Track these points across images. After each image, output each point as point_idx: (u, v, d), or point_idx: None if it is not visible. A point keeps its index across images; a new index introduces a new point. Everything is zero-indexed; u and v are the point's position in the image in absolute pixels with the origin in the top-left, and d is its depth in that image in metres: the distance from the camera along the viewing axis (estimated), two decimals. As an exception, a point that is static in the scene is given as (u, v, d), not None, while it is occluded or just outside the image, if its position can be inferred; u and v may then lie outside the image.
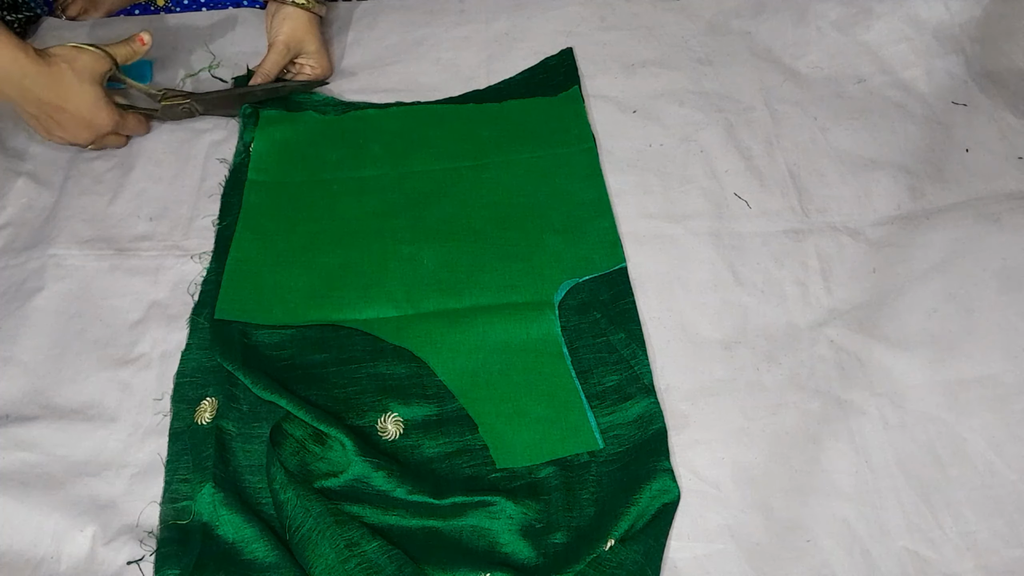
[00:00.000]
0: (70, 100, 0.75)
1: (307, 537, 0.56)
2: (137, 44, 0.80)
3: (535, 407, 0.64)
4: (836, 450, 0.61)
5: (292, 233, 0.76)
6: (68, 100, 0.75)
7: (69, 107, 0.75)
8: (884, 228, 0.73)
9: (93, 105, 0.76)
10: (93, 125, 0.77)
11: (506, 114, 0.84)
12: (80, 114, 0.76)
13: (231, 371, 0.65)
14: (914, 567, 0.56)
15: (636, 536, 0.57)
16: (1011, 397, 0.62)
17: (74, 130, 0.77)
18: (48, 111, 0.75)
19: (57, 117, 0.76)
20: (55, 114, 0.76)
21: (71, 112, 0.76)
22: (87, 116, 0.77)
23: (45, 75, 0.73)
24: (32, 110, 0.75)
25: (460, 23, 0.92)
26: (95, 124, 0.77)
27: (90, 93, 0.76)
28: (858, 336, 0.66)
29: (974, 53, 0.84)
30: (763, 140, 0.80)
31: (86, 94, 0.76)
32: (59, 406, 0.66)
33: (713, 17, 0.91)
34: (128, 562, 0.58)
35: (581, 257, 0.72)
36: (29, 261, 0.75)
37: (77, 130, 0.77)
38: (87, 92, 0.76)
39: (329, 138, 0.82)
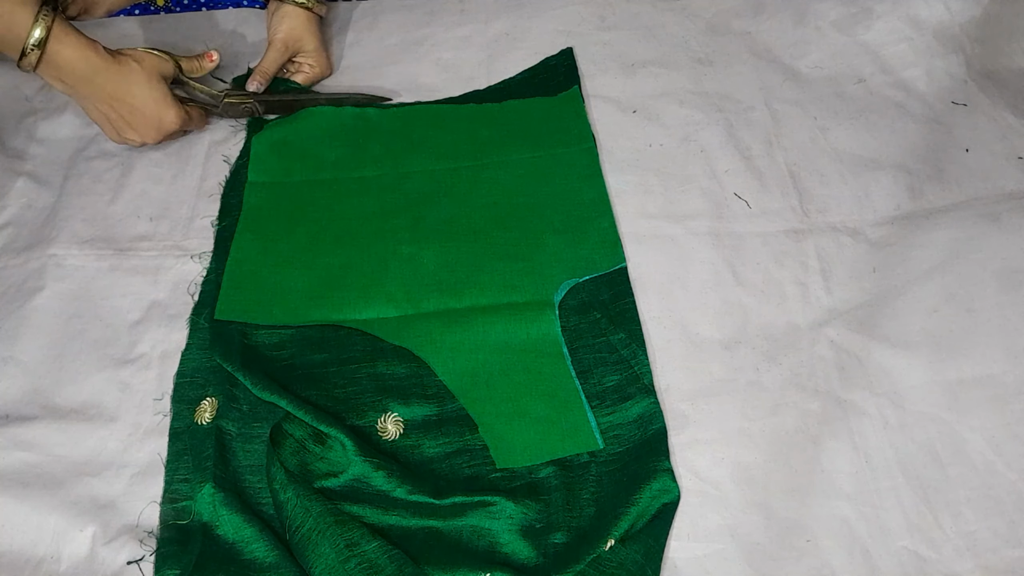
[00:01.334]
0: (138, 97, 0.75)
1: (307, 537, 0.56)
2: (206, 61, 0.82)
3: (535, 407, 0.64)
4: (836, 450, 0.61)
5: (292, 234, 0.76)
6: (136, 97, 0.75)
7: (138, 104, 0.76)
8: (884, 228, 0.73)
9: (161, 103, 0.77)
10: (162, 124, 0.78)
11: (506, 113, 0.84)
12: (149, 112, 0.77)
13: (231, 371, 0.65)
14: (914, 567, 0.56)
15: (636, 536, 0.57)
16: (1011, 397, 0.62)
17: (143, 129, 0.78)
18: (119, 109, 0.76)
19: (127, 116, 0.76)
20: (125, 113, 0.76)
21: (140, 109, 0.76)
22: (156, 114, 0.77)
23: (115, 72, 0.74)
24: (103, 108, 0.76)
25: (460, 23, 0.92)
26: (163, 122, 0.78)
27: (158, 91, 0.76)
28: (858, 336, 0.66)
29: (974, 53, 0.84)
30: (763, 140, 0.80)
31: (154, 91, 0.76)
32: (59, 406, 0.66)
33: (713, 17, 0.91)
34: (128, 562, 0.58)
35: (581, 257, 0.72)
36: (29, 261, 0.75)
37: (146, 129, 0.78)
38: (155, 90, 0.76)
39: (328, 136, 0.82)
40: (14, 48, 0.70)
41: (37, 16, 0.69)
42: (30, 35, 0.69)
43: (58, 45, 0.70)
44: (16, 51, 0.70)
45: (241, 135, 0.83)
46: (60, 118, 0.85)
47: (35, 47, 0.69)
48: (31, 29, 0.68)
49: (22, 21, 0.68)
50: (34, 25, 0.69)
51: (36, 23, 0.69)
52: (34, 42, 0.69)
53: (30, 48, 0.69)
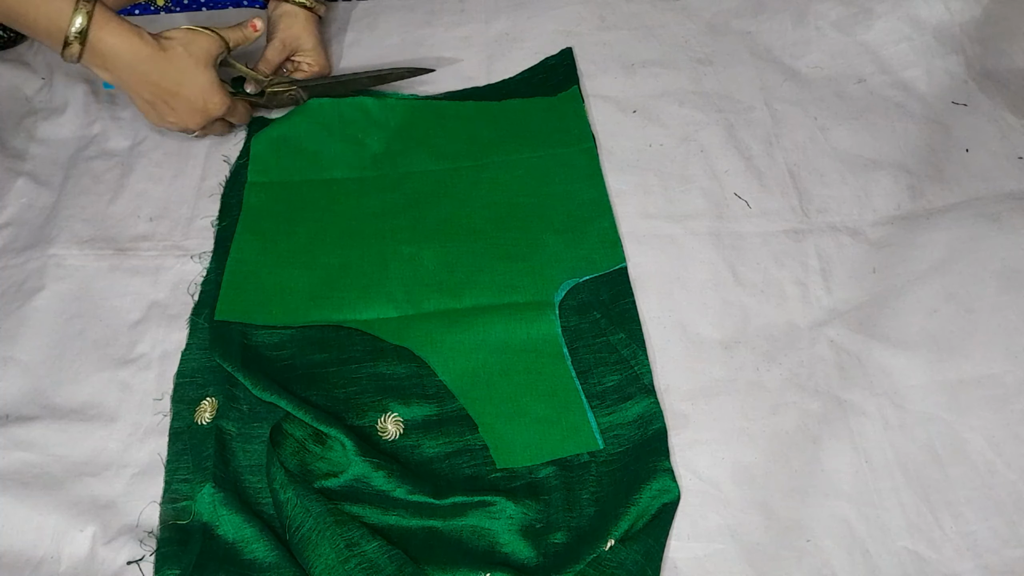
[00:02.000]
0: (185, 84, 0.74)
1: (307, 537, 0.56)
2: (249, 30, 0.80)
3: (535, 407, 0.64)
4: (836, 450, 0.61)
5: (292, 234, 0.76)
6: (183, 84, 0.74)
7: (184, 91, 0.75)
8: (884, 228, 0.73)
9: (208, 89, 0.76)
10: (206, 110, 0.77)
11: (506, 113, 0.84)
12: (194, 98, 0.76)
13: (231, 371, 0.65)
14: (914, 567, 0.56)
15: (636, 536, 0.57)
16: (1011, 397, 0.62)
17: (187, 115, 0.77)
18: (163, 96, 0.74)
19: (171, 102, 0.75)
20: (169, 99, 0.75)
21: (185, 96, 0.75)
22: (201, 100, 0.76)
23: (161, 60, 0.72)
24: (147, 96, 0.74)
25: (460, 23, 0.92)
26: (208, 109, 0.77)
27: (205, 77, 0.75)
28: (858, 336, 0.66)
29: (974, 53, 0.84)
30: (763, 140, 0.80)
31: (201, 77, 0.75)
32: (59, 406, 0.66)
33: (713, 17, 0.91)
34: (128, 562, 0.58)
35: (581, 257, 0.72)
36: (29, 261, 0.75)
37: (190, 115, 0.77)
38: (202, 76, 0.75)
39: (328, 136, 0.82)
40: (56, 39, 0.68)
41: (77, 4, 0.67)
42: (71, 24, 0.67)
43: (100, 33, 0.69)
44: (58, 42, 0.69)
45: (241, 135, 0.83)
46: (60, 118, 0.85)
47: (77, 36, 0.68)
48: (72, 18, 0.67)
49: (63, 10, 0.67)
50: (74, 14, 0.67)
51: (76, 11, 0.67)
52: (76, 31, 0.68)
53: (72, 38, 0.68)
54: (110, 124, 0.85)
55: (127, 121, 0.85)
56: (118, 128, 0.84)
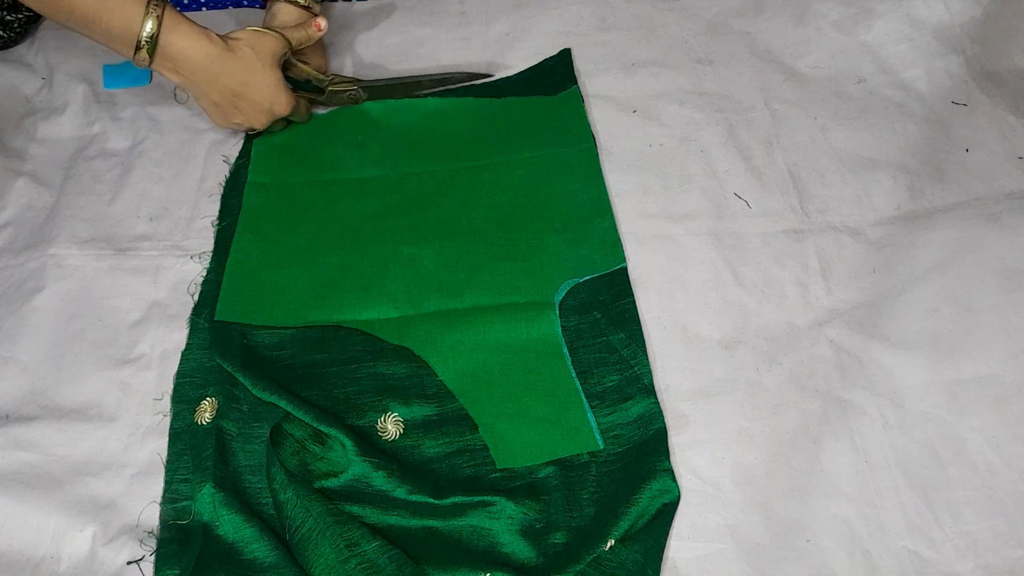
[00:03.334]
0: (252, 85, 0.75)
1: (307, 537, 0.56)
2: (313, 29, 0.80)
3: (535, 407, 0.64)
4: (836, 450, 0.61)
5: (292, 234, 0.76)
6: (251, 85, 0.75)
7: (251, 91, 0.75)
8: (884, 228, 0.73)
9: (274, 89, 0.76)
10: (272, 109, 0.77)
11: (506, 112, 0.83)
12: (261, 98, 0.76)
13: (231, 371, 0.65)
14: (914, 567, 0.56)
15: (636, 536, 0.57)
16: (1011, 397, 0.62)
17: (253, 114, 0.77)
18: (229, 97, 0.75)
19: (238, 103, 0.75)
20: (236, 100, 0.75)
21: (252, 96, 0.75)
22: (268, 100, 0.76)
23: (230, 60, 0.73)
24: (215, 97, 0.75)
25: (460, 24, 0.92)
26: (274, 108, 0.77)
27: (272, 76, 0.76)
28: (858, 336, 0.66)
29: (974, 53, 0.84)
30: (763, 140, 0.80)
31: (268, 77, 0.75)
32: (59, 406, 0.66)
33: (713, 17, 0.91)
34: (128, 562, 0.58)
35: (581, 257, 0.72)
36: (29, 261, 0.75)
37: (256, 114, 0.77)
38: (269, 76, 0.75)
39: (328, 135, 0.82)
40: (127, 43, 0.69)
41: (148, 9, 0.68)
42: (142, 29, 0.68)
43: (171, 36, 0.69)
44: (129, 46, 0.69)
45: (240, 135, 0.83)
46: (60, 118, 0.85)
47: (148, 41, 0.68)
48: (143, 22, 0.68)
49: (133, 15, 0.68)
50: (145, 18, 0.68)
51: (147, 16, 0.68)
52: (147, 35, 0.68)
53: (143, 42, 0.68)
54: (110, 124, 0.85)
55: (127, 121, 0.85)
56: (118, 128, 0.84)
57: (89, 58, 0.89)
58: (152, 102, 0.86)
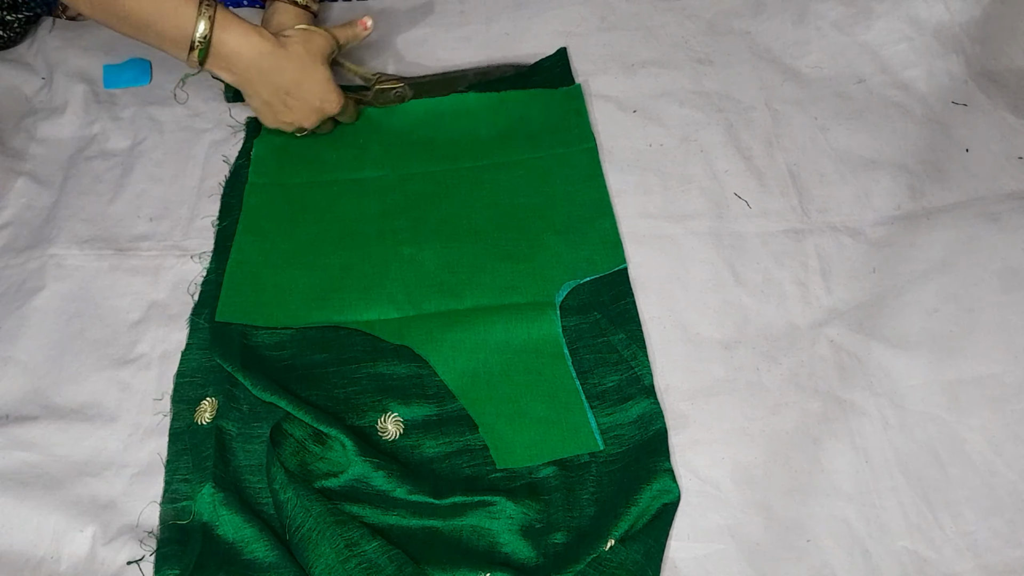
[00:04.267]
0: (303, 82, 0.75)
1: (307, 537, 0.56)
2: (359, 28, 0.80)
3: (535, 407, 0.64)
4: (836, 450, 0.61)
5: (292, 235, 0.76)
6: (302, 83, 0.75)
7: (303, 89, 0.75)
8: (884, 228, 0.73)
9: (325, 86, 0.76)
10: (322, 108, 0.77)
11: (506, 109, 0.83)
12: (312, 96, 0.76)
13: (231, 372, 0.65)
14: (914, 567, 0.56)
15: (636, 536, 0.57)
16: (1011, 397, 0.62)
17: (303, 113, 0.77)
18: (280, 95, 0.75)
19: (288, 101, 0.75)
20: (287, 98, 0.75)
21: (303, 94, 0.75)
22: (319, 98, 0.76)
23: (282, 56, 0.73)
24: (266, 95, 0.75)
25: (460, 24, 0.92)
26: (324, 106, 0.77)
27: (322, 74, 0.76)
28: (858, 336, 0.66)
29: (974, 53, 0.84)
30: (763, 140, 0.80)
31: (319, 75, 0.75)
32: (59, 406, 0.66)
33: (713, 17, 0.91)
34: (128, 562, 0.58)
35: (582, 258, 0.72)
36: (29, 261, 0.75)
37: (306, 113, 0.77)
38: (319, 73, 0.75)
39: (329, 139, 0.82)
40: (181, 45, 0.69)
41: (200, 10, 0.68)
42: (195, 29, 0.68)
43: (223, 35, 0.70)
44: (183, 48, 0.69)
45: (240, 135, 0.83)
46: (60, 118, 0.85)
47: (202, 41, 0.69)
48: (195, 23, 0.68)
49: (186, 17, 0.68)
50: (198, 19, 0.68)
51: (199, 16, 0.68)
52: (200, 36, 0.68)
53: (197, 43, 0.69)
54: (110, 124, 0.85)
55: (127, 121, 0.85)
56: (118, 128, 0.84)
57: (89, 58, 0.89)
58: (152, 102, 0.86)
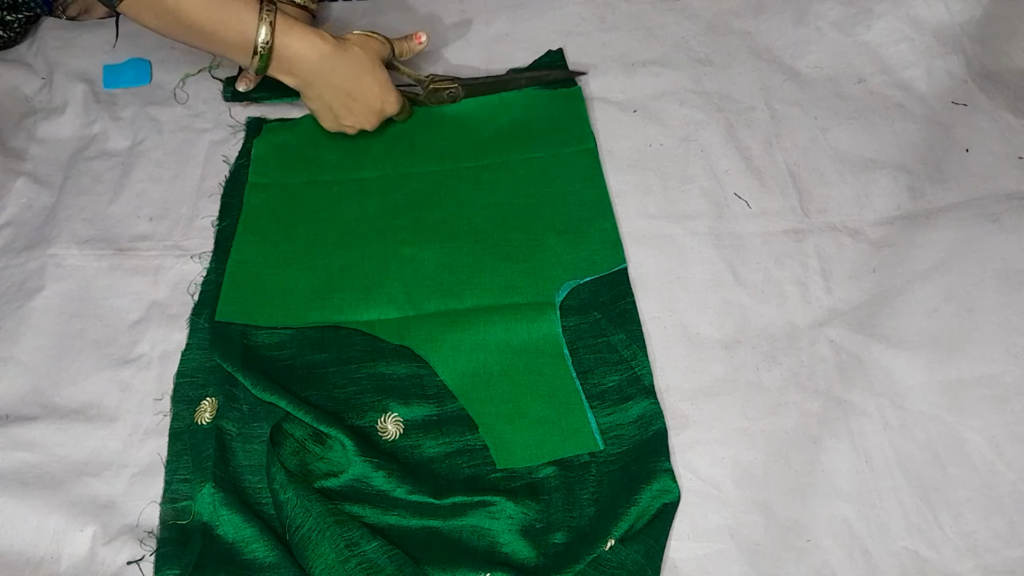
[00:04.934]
0: (363, 83, 0.75)
1: (307, 537, 0.56)
2: (414, 42, 0.81)
3: (535, 408, 0.64)
4: (836, 450, 0.61)
5: (293, 235, 0.76)
6: (362, 83, 0.75)
7: (363, 90, 0.75)
8: (884, 228, 0.73)
9: (385, 88, 0.77)
10: (382, 109, 0.78)
11: (507, 110, 0.83)
12: (373, 97, 0.76)
13: (231, 372, 0.65)
14: (914, 567, 0.56)
15: (636, 536, 0.57)
16: (1011, 397, 0.62)
17: (364, 115, 0.77)
18: (342, 97, 0.75)
19: (349, 104, 0.76)
20: (348, 100, 0.76)
21: (364, 97, 0.76)
22: (379, 100, 0.77)
23: (342, 57, 0.73)
24: (329, 97, 0.75)
25: (460, 24, 0.92)
26: (384, 108, 0.78)
27: (381, 75, 0.76)
28: (858, 336, 0.66)
29: (974, 53, 0.84)
30: (763, 140, 0.80)
31: (378, 76, 0.76)
32: (59, 406, 0.66)
33: (713, 17, 0.91)
34: (128, 562, 0.58)
35: (582, 258, 0.72)
36: (29, 261, 0.75)
37: (367, 115, 0.77)
38: (379, 74, 0.76)
39: (329, 139, 0.82)
40: (244, 51, 0.70)
41: (261, 15, 0.68)
42: (257, 35, 0.69)
43: (285, 39, 0.70)
44: (246, 54, 0.70)
45: (240, 135, 0.83)
46: (60, 118, 0.85)
47: (264, 46, 0.69)
48: (257, 29, 0.68)
49: (248, 23, 0.68)
50: (260, 24, 0.68)
51: (261, 22, 0.68)
52: (263, 41, 0.69)
53: (260, 48, 0.69)
54: (110, 124, 0.85)
55: (127, 121, 0.85)
56: (118, 128, 0.84)
57: (89, 58, 0.89)
58: (152, 102, 0.86)
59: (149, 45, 0.90)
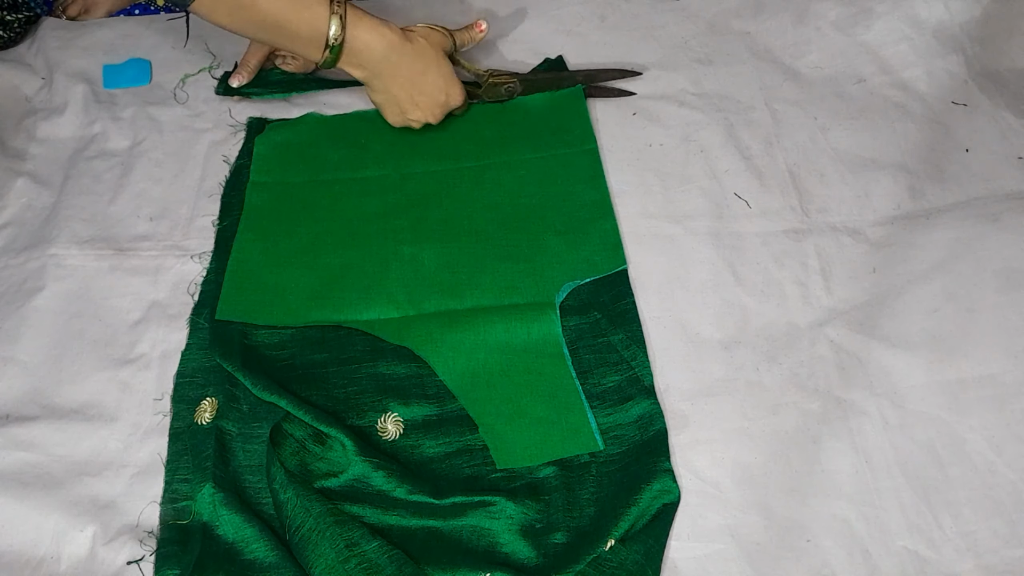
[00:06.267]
0: (429, 74, 0.76)
1: (307, 537, 0.56)
2: (476, 31, 0.82)
3: (535, 407, 0.64)
4: (836, 450, 0.61)
5: (293, 234, 0.76)
6: (428, 74, 0.76)
7: (428, 82, 0.76)
8: (884, 228, 0.73)
9: (450, 80, 0.77)
10: (447, 102, 0.78)
11: (508, 112, 0.83)
12: (437, 89, 0.77)
13: (231, 371, 0.65)
14: (914, 567, 0.56)
15: (636, 536, 0.57)
16: (1011, 397, 0.62)
17: (430, 108, 0.78)
18: (409, 89, 0.76)
19: (416, 96, 0.76)
20: (415, 93, 0.76)
21: (429, 88, 0.76)
22: (444, 92, 0.77)
23: (409, 49, 0.74)
24: (396, 90, 0.76)
25: (460, 24, 0.92)
26: (448, 100, 0.78)
27: (446, 67, 0.77)
28: (858, 336, 0.66)
29: (974, 53, 0.84)
30: (763, 140, 0.80)
31: (443, 69, 0.77)
32: (59, 406, 0.66)
33: (713, 17, 0.91)
34: (128, 562, 0.58)
35: (583, 259, 0.72)
36: (29, 261, 0.75)
37: (433, 108, 0.78)
38: (444, 67, 0.77)
39: (331, 139, 0.82)
40: (316, 45, 0.70)
41: (332, 8, 0.69)
42: (329, 28, 0.69)
43: (355, 31, 0.71)
44: (318, 48, 0.70)
45: (241, 135, 0.83)
46: (60, 118, 0.85)
47: (335, 39, 0.70)
48: (328, 22, 0.69)
49: (319, 17, 0.69)
50: (331, 17, 0.69)
51: (332, 15, 0.69)
52: (334, 35, 0.69)
53: (332, 40, 0.70)
54: (110, 124, 0.85)
55: (127, 121, 0.85)
56: (118, 128, 0.84)
57: (89, 58, 0.89)
58: (152, 102, 0.86)
59: (149, 45, 0.91)
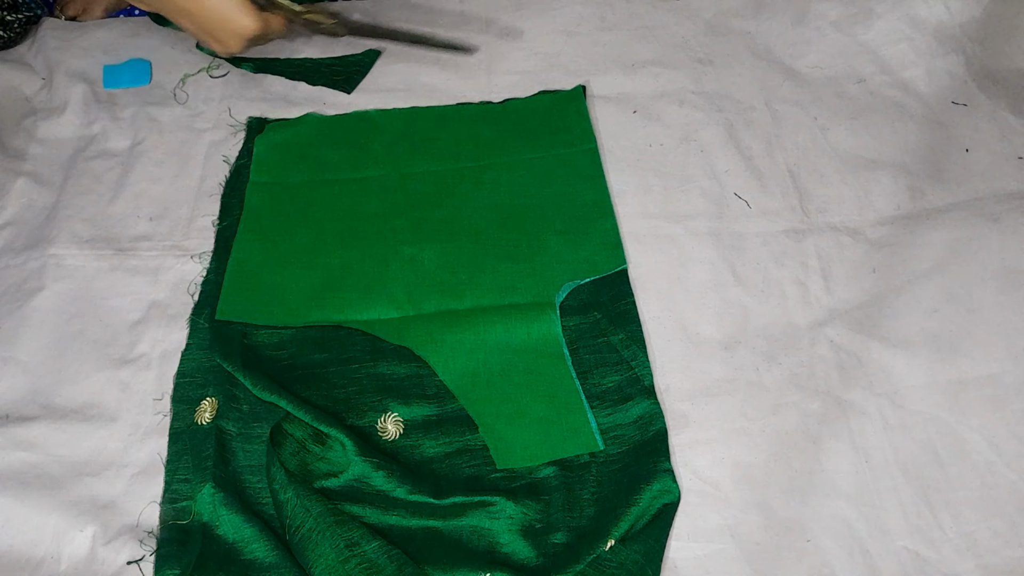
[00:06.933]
0: (210, 8, 0.76)
1: (307, 537, 0.56)
2: None
3: (535, 408, 0.64)
4: (836, 450, 0.61)
5: (293, 234, 0.76)
6: (208, 8, 0.75)
7: (213, 15, 0.76)
8: (884, 228, 0.73)
9: (235, 11, 0.76)
10: (240, 32, 0.78)
11: (507, 110, 0.83)
12: (223, 21, 0.76)
13: (231, 371, 0.65)
14: (914, 567, 0.56)
15: (636, 536, 0.57)
16: (1011, 397, 0.62)
17: (224, 38, 0.78)
18: (194, 21, 0.76)
19: (206, 27, 0.77)
20: (203, 23, 0.76)
21: (214, 21, 0.76)
22: (231, 22, 0.77)
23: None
24: (182, 21, 0.77)
25: (460, 23, 0.92)
26: (241, 30, 0.77)
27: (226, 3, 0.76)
28: (858, 336, 0.66)
29: (974, 53, 0.84)
30: (763, 140, 0.80)
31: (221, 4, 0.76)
32: (59, 406, 0.66)
33: (713, 17, 0.91)
34: (128, 562, 0.58)
35: (583, 259, 0.72)
36: (29, 261, 0.75)
37: (226, 38, 0.78)
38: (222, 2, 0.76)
39: (331, 138, 0.82)
40: None
41: None
42: None
43: None
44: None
45: (241, 135, 0.83)
46: (60, 118, 0.85)
47: None
48: None
49: None
50: None
51: None
52: None
53: None
54: (110, 124, 0.85)
55: (127, 121, 0.85)
56: (118, 128, 0.84)
57: (89, 58, 0.89)
58: (152, 102, 0.86)
59: (149, 45, 0.91)
